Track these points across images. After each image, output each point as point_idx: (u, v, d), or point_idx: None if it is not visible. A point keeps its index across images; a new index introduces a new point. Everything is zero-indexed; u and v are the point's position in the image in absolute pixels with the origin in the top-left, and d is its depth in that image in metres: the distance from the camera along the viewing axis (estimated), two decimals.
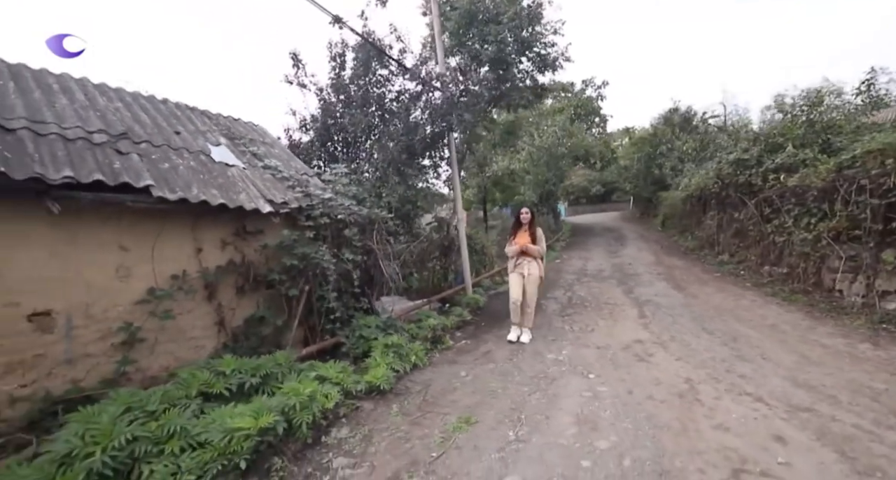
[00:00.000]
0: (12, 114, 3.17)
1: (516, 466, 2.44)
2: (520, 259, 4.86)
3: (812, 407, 2.97)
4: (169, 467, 2.16)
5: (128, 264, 3.42)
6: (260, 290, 4.34)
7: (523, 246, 4.77)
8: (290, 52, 7.41)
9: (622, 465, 2.39)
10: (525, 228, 4.89)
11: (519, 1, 7.73)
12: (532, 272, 4.81)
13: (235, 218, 4.10)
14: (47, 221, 2.99)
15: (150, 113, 4.58)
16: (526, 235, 4.84)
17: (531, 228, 4.87)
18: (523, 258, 4.84)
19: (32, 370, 2.92)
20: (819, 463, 2.32)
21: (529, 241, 4.79)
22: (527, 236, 4.83)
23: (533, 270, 4.82)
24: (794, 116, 8.78)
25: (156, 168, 3.62)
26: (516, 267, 4.89)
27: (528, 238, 4.81)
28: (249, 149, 5.11)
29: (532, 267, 4.82)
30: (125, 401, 2.48)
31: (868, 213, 5.18)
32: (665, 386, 3.47)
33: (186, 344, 3.78)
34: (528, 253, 4.80)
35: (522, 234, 4.87)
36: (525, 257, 4.82)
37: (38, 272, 2.96)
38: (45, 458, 2.08)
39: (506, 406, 3.26)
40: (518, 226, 4.99)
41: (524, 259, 4.83)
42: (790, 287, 6.46)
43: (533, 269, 4.82)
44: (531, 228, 4.87)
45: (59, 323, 3.05)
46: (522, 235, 4.86)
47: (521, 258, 4.86)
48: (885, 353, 3.95)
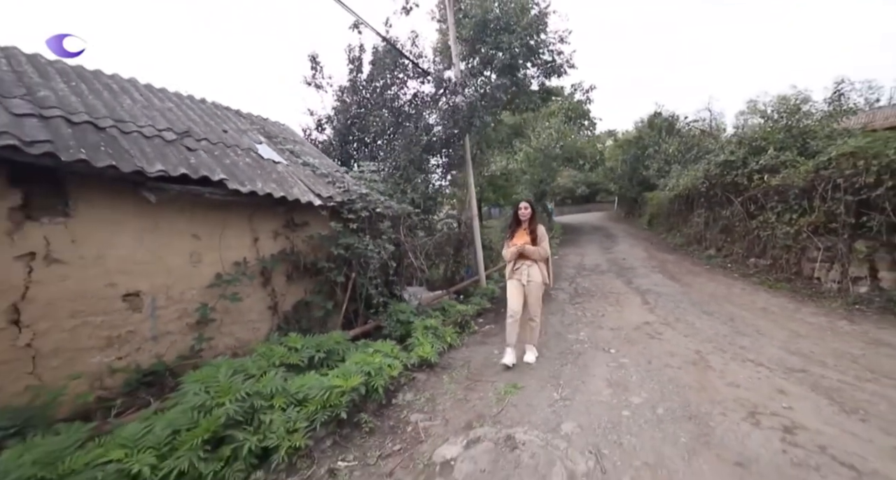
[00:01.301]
0: (98, 114, 3.44)
1: (568, 416, 2.88)
2: (519, 263, 4.04)
3: (805, 369, 3.52)
4: (282, 417, 2.52)
5: (199, 251, 3.74)
6: (305, 278, 4.68)
7: (521, 247, 3.97)
8: (308, 55, 7.73)
9: (656, 413, 2.86)
10: (524, 226, 4.08)
11: (528, 11, 8.27)
12: (534, 278, 3.97)
13: (285, 210, 4.44)
14: (135, 211, 3.30)
15: (196, 112, 4.87)
16: (525, 234, 4.02)
17: (531, 226, 4.05)
18: (523, 262, 4.02)
19: (126, 344, 3.22)
20: (815, 406, 2.84)
21: (529, 241, 3.97)
22: (526, 236, 4.01)
23: (535, 276, 3.98)
24: (773, 122, 9.54)
25: (220, 163, 3.94)
26: (514, 272, 4.06)
27: (527, 237, 4.00)
28: (286, 148, 5.43)
29: (534, 273, 3.98)
30: (230, 366, 2.82)
31: (842, 209, 5.85)
32: (678, 356, 3.98)
33: (245, 325, 4.10)
34: (527, 255, 3.98)
35: (521, 233, 4.06)
36: (525, 260, 4.01)
37: (130, 256, 3.27)
38: (179, 408, 2.42)
39: (544, 375, 3.71)
40: (516, 223, 4.16)
41: (524, 262, 4.01)
42: (774, 276, 7.14)
43: (535, 275, 3.98)
44: (531, 226, 4.05)
45: (146, 303, 3.36)
46: (521, 234, 4.05)
47: (520, 262, 4.04)
48: (859, 327, 4.57)
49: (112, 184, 3.12)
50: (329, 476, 2.28)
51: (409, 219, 6.07)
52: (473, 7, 8.19)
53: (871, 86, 26.93)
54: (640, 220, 19.69)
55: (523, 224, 4.11)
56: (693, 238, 11.53)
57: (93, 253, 3.07)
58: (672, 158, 15.61)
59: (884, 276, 5.33)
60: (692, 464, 2.24)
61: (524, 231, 4.07)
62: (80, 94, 3.65)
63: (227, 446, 2.27)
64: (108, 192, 3.13)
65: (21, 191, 2.75)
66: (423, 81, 7.78)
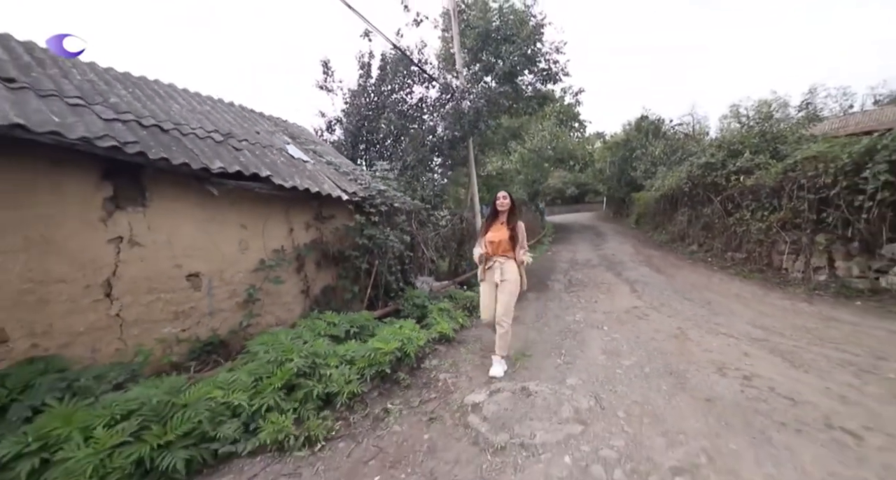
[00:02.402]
0: (159, 118, 3.92)
1: (571, 374, 3.46)
2: (491, 260, 3.58)
3: (766, 339, 4.17)
4: (338, 371, 3.05)
5: (246, 239, 4.24)
6: (331, 266, 5.20)
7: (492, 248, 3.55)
8: (321, 61, 8.22)
9: (643, 371, 3.46)
10: (502, 220, 3.66)
11: (527, 23, 8.88)
12: (508, 276, 3.49)
13: (315, 204, 4.96)
14: (196, 203, 3.80)
15: (229, 115, 5.34)
16: (503, 230, 3.58)
17: (510, 221, 3.62)
18: (495, 259, 3.57)
19: (188, 319, 3.71)
20: (770, 363, 3.47)
21: (506, 238, 3.52)
22: (504, 231, 3.57)
23: (510, 273, 3.49)
24: (749, 127, 10.33)
25: (262, 161, 4.44)
26: (487, 272, 3.61)
27: (505, 233, 3.55)
28: (309, 148, 5.93)
29: (509, 270, 3.50)
30: (288, 333, 3.35)
31: (806, 206, 6.58)
32: (662, 332, 4.60)
33: (283, 306, 4.60)
34: (500, 251, 3.54)
35: (498, 228, 3.62)
36: (499, 257, 3.56)
37: (192, 242, 3.76)
38: (255, 363, 2.94)
39: (548, 347, 4.29)
40: (494, 216, 3.73)
41: (497, 259, 3.56)
42: (748, 267, 7.87)
43: (510, 272, 3.50)
44: (510, 221, 3.62)
45: (204, 283, 3.85)
46: (498, 229, 3.61)
47: (492, 259, 3.58)
48: (816, 308, 5.27)
49: (179, 178, 3.61)
50: (383, 413, 2.82)
51: (421, 214, 6.62)
52: (476, 19, 8.79)
53: (845, 93, 28.29)
54: (627, 220, 20.51)
55: (500, 217, 3.66)
56: (677, 235, 12.28)
57: (163, 238, 3.56)
58: (658, 160, 16.45)
59: (839, 266, 6.05)
60: (671, 402, 2.84)
61: (501, 225, 3.61)
62: (139, 100, 4.11)
63: (299, 391, 2.79)
64: (175, 186, 3.62)
65: (111, 184, 3.23)
66: (427, 86, 8.33)
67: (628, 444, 2.32)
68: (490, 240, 3.59)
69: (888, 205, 5.25)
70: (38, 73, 3.37)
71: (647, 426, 2.52)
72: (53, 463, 1.89)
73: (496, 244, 3.56)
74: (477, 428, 2.60)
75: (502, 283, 3.51)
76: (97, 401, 2.30)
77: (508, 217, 3.65)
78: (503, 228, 3.60)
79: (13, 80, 2.99)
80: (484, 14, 8.82)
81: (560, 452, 2.28)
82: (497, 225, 3.66)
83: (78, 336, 3.00)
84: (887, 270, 5.40)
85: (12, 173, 2.73)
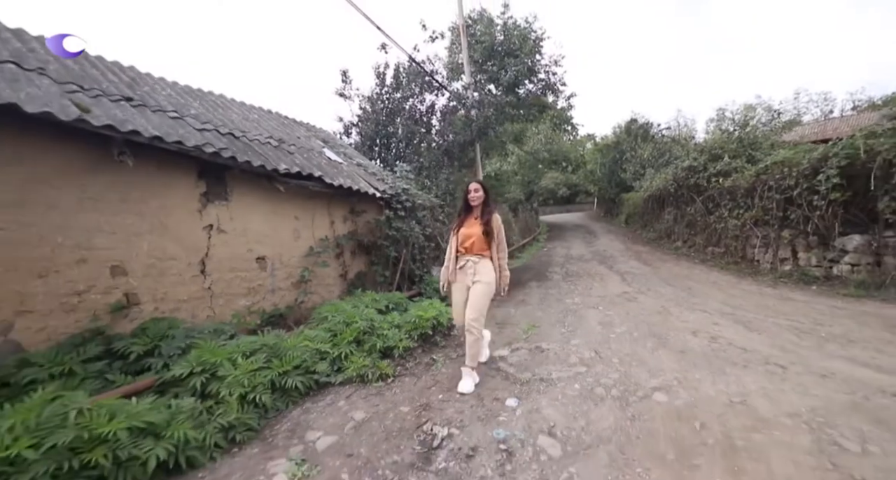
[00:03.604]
0: (230, 126, 4.65)
1: (574, 337, 4.28)
2: (463, 259, 3.13)
3: (733, 313, 5.04)
4: (391, 332, 3.82)
5: (298, 229, 4.99)
6: (362, 254, 5.97)
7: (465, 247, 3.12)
8: (340, 70, 8.96)
9: (632, 335, 4.29)
10: (475, 215, 3.19)
11: (529, 40, 9.72)
12: (482, 277, 3.04)
13: (353, 200, 5.72)
14: (263, 198, 4.54)
15: (273, 122, 6.07)
16: (477, 225, 3.12)
17: (484, 215, 3.16)
18: (468, 257, 3.11)
19: (257, 294, 4.46)
20: (733, 329, 4.33)
21: (480, 233, 3.07)
22: (477, 226, 3.11)
23: (484, 274, 3.05)
24: (729, 133, 11.30)
25: (311, 163, 5.19)
26: (458, 271, 3.17)
27: (478, 228, 3.09)
28: (340, 151, 6.68)
29: (483, 270, 3.06)
30: (347, 303, 4.11)
31: (774, 205, 7.50)
32: (648, 310, 5.44)
33: (325, 287, 5.36)
34: (474, 250, 3.09)
35: (472, 223, 3.16)
36: (471, 256, 3.10)
37: (259, 230, 4.50)
38: (328, 323, 3.70)
39: (552, 320, 5.11)
40: (466, 210, 3.24)
41: (469, 258, 3.10)
42: (726, 260, 8.80)
43: (484, 272, 3.06)
44: (484, 215, 3.16)
45: (268, 265, 4.59)
46: (472, 225, 3.15)
47: (464, 258, 3.13)
48: (778, 292, 6.18)
49: (252, 177, 4.35)
50: (431, 361, 3.61)
51: (437, 210, 7.41)
52: (483, 34, 9.61)
53: (826, 98, 29.67)
54: (617, 219, 21.51)
55: (474, 211, 3.19)
56: (664, 233, 13.23)
57: (241, 227, 4.30)
58: (647, 162, 17.44)
59: (801, 257, 6.98)
60: (653, 353, 3.67)
61: (475, 220, 3.16)
62: (209, 110, 4.84)
63: (365, 344, 3.56)
64: (249, 184, 4.37)
65: (204, 182, 3.97)
66: (437, 94, 9.13)
67: (621, 377, 3.14)
68: (463, 237, 3.13)
69: (839, 204, 6.17)
70: (140, 91, 4.09)
71: (634, 366, 3.34)
72: (214, 379, 2.64)
73: (469, 241, 3.08)
74: (506, 370, 3.40)
75: (474, 284, 3.05)
76: (225, 345, 3.05)
77: (482, 211, 3.17)
78: (476, 223, 3.13)
79: (131, 99, 3.71)
80: (489, 29, 9.67)
81: (571, 382, 3.09)
82: (470, 220, 3.18)
83: (183, 303, 3.74)
84: (838, 260, 6.33)
85: (141, 176, 3.45)
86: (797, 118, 26.32)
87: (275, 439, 2.39)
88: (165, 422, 2.10)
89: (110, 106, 3.37)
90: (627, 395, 2.81)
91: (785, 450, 2.07)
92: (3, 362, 2.61)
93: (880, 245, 5.75)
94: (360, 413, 2.67)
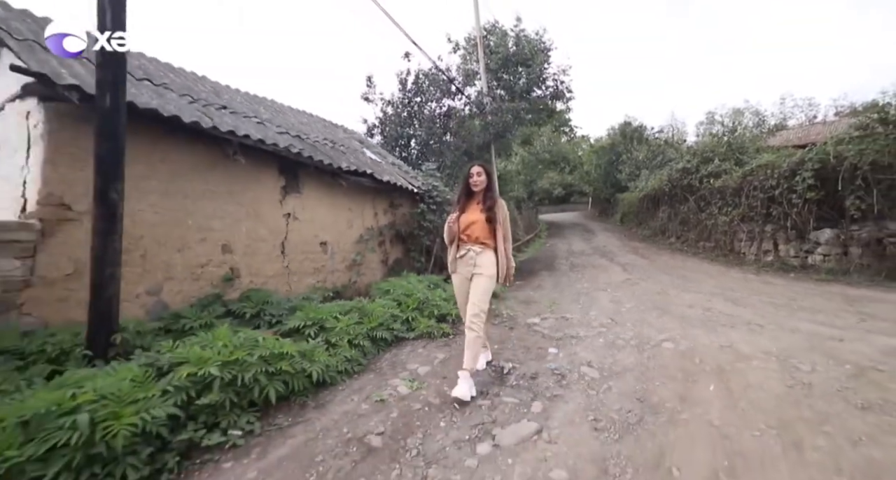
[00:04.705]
0: (296, 129, 5.38)
1: (591, 310, 5.09)
2: (465, 248, 2.82)
3: (722, 293, 5.90)
4: (443, 303, 4.60)
5: (351, 219, 5.74)
6: (399, 243, 6.73)
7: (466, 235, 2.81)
8: (366, 76, 9.71)
9: (640, 309, 5.12)
10: (478, 200, 2.89)
11: (539, 51, 10.55)
12: (483, 269, 2.76)
13: (395, 195, 6.48)
14: (326, 192, 5.29)
15: (319, 125, 6.81)
16: (478, 210, 2.83)
17: (486, 200, 2.85)
18: (470, 246, 2.80)
19: (320, 274, 5.20)
20: (723, 303, 5.18)
21: (483, 220, 2.78)
22: (479, 212, 2.82)
23: (485, 265, 2.76)
24: (719, 138, 12.25)
25: (359, 162, 5.94)
26: (458, 260, 2.88)
27: (480, 215, 2.80)
28: (375, 151, 7.43)
29: (484, 261, 2.77)
30: (403, 280, 4.88)
31: (758, 203, 8.41)
32: (650, 292, 6.29)
33: (371, 271, 6.12)
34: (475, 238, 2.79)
35: (473, 210, 2.86)
36: (473, 244, 2.79)
37: (323, 219, 5.25)
38: (391, 295, 4.47)
39: (569, 300, 5.92)
40: (467, 196, 2.94)
41: (472, 247, 2.80)
42: (715, 253, 9.72)
43: (485, 264, 2.76)
44: (486, 200, 2.85)
45: (329, 249, 5.34)
46: (474, 211, 2.85)
47: (466, 246, 2.82)
48: (761, 278, 7.08)
49: (319, 173, 5.10)
50: None
51: None
52: (497, 45, 10.43)
53: (810, 104, 31.04)
54: (613, 218, 22.46)
55: (476, 196, 2.89)
56: (658, 230, 14.16)
57: (309, 216, 5.04)
58: (642, 164, 18.39)
59: (781, 249, 7.89)
60: (659, 319, 4.49)
61: (477, 205, 2.86)
62: (274, 115, 5.57)
63: (425, 310, 4.34)
64: (316, 179, 5.11)
65: (284, 177, 4.71)
66: (454, 98, 9.92)
67: (635, 334, 3.96)
68: (464, 224, 2.79)
69: (813, 202, 7.08)
70: (224, 99, 4.81)
71: (645, 328, 4.16)
72: (323, 330, 3.40)
73: (471, 229, 2.78)
74: (541, 331, 4.20)
75: (475, 277, 2.75)
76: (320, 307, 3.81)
77: (485, 196, 2.85)
78: (478, 209, 2.82)
79: (225, 108, 4.43)
80: (503, 40, 10.50)
81: (596, 338, 3.90)
82: (472, 205, 2.88)
83: (269, 278, 4.48)
84: (813, 251, 7.24)
85: (241, 172, 4.18)
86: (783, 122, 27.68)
87: (381, 370, 3.16)
88: (311, 351, 2.86)
89: (215, 113, 4.10)
90: (642, 345, 3.62)
91: (760, 371, 2.90)
92: (161, 315, 3.35)
93: (847, 237, 6.67)
94: (440, 354, 3.45)
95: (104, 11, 2.60)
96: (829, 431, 2.09)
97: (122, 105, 2.68)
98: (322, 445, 2.16)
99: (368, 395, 2.69)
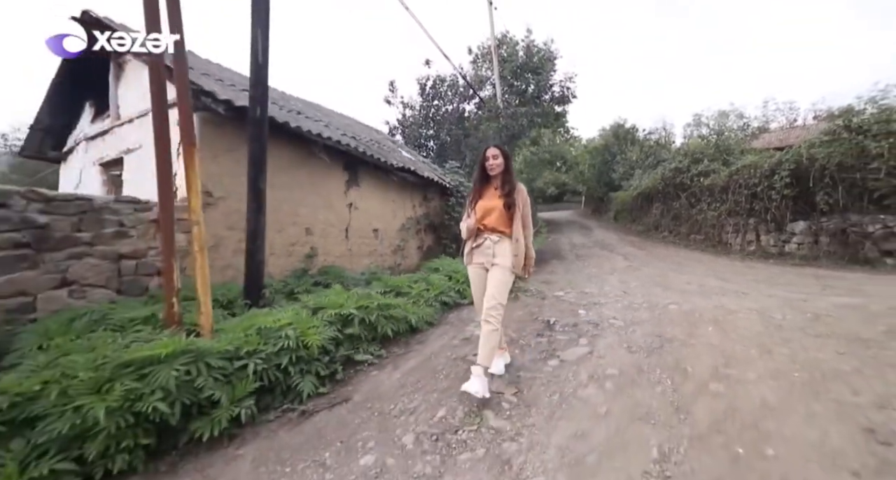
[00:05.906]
0: (350, 131, 6.18)
1: (604, 287, 6.01)
2: (481, 238, 2.63)
3: (713, 274, 6.88)
4: None
5: (395, 209, 6.58)
6: (430, 232, 7.58)
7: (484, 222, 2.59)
8: (389, 81, 10.53)
9: (643, 285, 6.05)
10: (495, 185, 2.67)
11: (548, 59, 11.48)
12: (500, 260, 2.56)
13: (433, 189, 7.32)
14: (377, 186, 6.11)
15: (358, 127, 7.61)
16: (496, 196, 2.62)
17: (504, 185, 2.63)
18: (487, 236, 2.61)
19: (372, 256, 6.03)
20: (714, 281, 6.14)
21: (501, 207, 2.55)
22: (497, 198, 2.60)
23: (503, 256, 2.56)
24: (708, 140, 13.33)
25: (402, 159, 6.76)
26: (474, 250, 2.68)
27: (498, 201, 2.58)
28: (407, 150, 8.25)
29: (501, 251, 2.57)
30: (446, 260, 5.73)
31: (743, 199, 9.45)
32: (651, 274, 7.24)
33: (410, 255, 6.96)
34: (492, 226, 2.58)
35: (492, 196, 2.65)
36: (491, 234, 2.59)
37: (375, 209, 6.08)
38: (441, 271, 5.32)
39: (582, 281, 6.83)
40: (482, 180, 2.71)
41: (489, 236, 2.60)
42: (705, 244, 10.76)
43: (503, 255, 2.56)
44: (504, 185, 2.63)
45: (380, 235, 6.17)
46: (491, 197, 2.64)
47: (483, 236, 2.63)
48: (744, 264, 8.10)
49: (373, 170, 5.92)
50: (515, 297, 5.28)
51: None
52: (509, 54, 11.36)
53: (791, 107, 32.56)
54: (606, 216, 23.54)
55: (493, 181, 2.69)
56: (652, 225, 15.21)
57: (365, 206, 5.86)
58: (635, 164, 19.48)
59: (762, 239, 8.94)
60: (663, 292, 5.42)
61: (494, 191, 2.67)
62: (325, 118, 6.37)
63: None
64: (370, 175, 5.93)
65: (347, 172, 5.53)
66: (468, 102, 10.78)
67: (646, 300, 4.87)
68: (482, 211, 2.61)
69: (790, 198, 8.12)
70: (293, 105, 5.60)
71: (652, 297, 5.08)
72: (400, 295, 4.24)
73: (489, 217, 2.59)
74: (568, 300, 5.10)
75: (493, 267, 2.58)
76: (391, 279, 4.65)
77: (503, 181, 2.65)
78: (496, 195, 2.63)
79: (301, 113, 5.23)
80: (513, 49, 11.42)
81: (614, 303, 4.81)
82: (489, 191, 2.68)
83: (337, 258, 5.30)
84: (789, 240, 8.28)
85: (318, 167, 4.99)
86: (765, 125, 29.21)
87: (453, 323, 4.02)
88: (404, 304, 3.72)
89: (301, 118, 4.90)
90: (653, 307, 4.54)
91: (745, 320, 3.83)
92: (269, 282, 4.16)
93: (818, 228, 7.71)
94: None
95: (256, 41, 3.41)
96: (790, 346, 3.02)
97: (266, 116, 3.50)
98: (436, 361, 3.03)
99: (455, 335, 3.56)
